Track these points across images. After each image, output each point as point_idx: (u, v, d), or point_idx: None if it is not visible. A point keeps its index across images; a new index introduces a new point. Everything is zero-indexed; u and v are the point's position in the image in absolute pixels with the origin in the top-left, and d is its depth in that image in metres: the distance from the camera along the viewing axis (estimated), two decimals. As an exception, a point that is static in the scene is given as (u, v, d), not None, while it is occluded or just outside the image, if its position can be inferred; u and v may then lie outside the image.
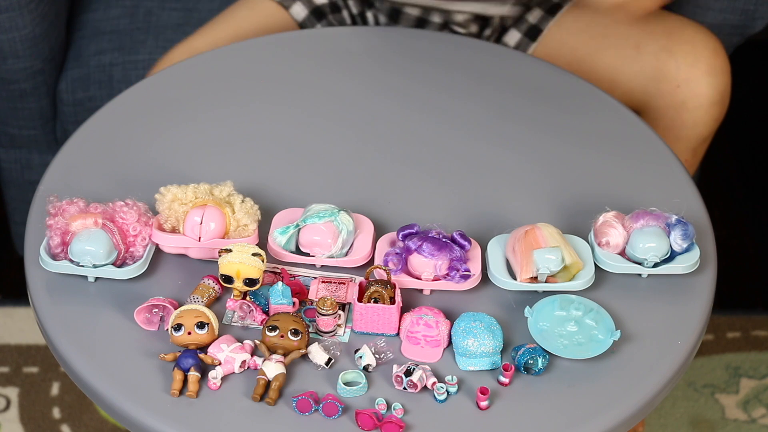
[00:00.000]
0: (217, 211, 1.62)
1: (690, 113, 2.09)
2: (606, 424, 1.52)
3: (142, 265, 1.62)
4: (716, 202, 2.66)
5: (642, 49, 2.10)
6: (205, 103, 1.89)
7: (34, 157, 2.40)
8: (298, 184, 1.76)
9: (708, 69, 2.07)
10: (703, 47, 2.09)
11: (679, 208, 1.70)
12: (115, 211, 1.63)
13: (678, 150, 2.13)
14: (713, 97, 2.08)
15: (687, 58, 2.07)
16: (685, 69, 2.07)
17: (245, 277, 1.57)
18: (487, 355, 1.55)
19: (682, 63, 2.07)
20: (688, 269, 1.65)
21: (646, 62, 2.09)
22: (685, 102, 2.08)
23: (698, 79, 2.07)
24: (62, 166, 1.78)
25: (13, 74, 2.26)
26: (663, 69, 2.08)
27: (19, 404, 2.36)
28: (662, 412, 2.36)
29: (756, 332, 2.51)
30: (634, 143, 1.85)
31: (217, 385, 1.52)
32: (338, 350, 1.56)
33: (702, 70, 2.07)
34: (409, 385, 1.52)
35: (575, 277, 1.63)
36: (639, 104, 2.14)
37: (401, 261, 1.62)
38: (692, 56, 2.07)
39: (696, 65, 2.07)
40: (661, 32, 2.11)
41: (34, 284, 1.62)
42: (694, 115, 2.09)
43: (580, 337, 1.58)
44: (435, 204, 1.74)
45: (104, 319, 1.59)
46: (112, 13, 2.38)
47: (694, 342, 1.60)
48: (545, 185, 1.78)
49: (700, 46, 2.09)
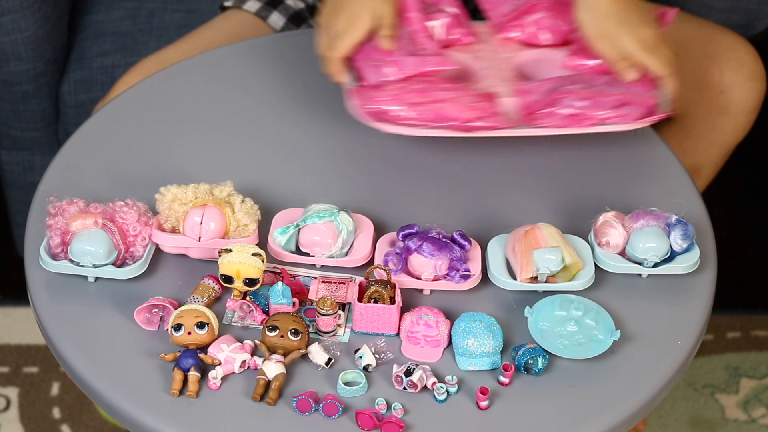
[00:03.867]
0: (217, 211, 1.62)
1: (731, 119, 2.10)
2: (606, 424, 1.52)
3: (142, 265, 1.62)
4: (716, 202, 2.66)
5: (681, 55, 2.10)
6: (205, 103, 1.89)
7: (36, 159, 2.40)
8: (298, 184, 1.76)
9: (750, 75, 2.08)
10: (744, 53, 2.10)
11: (679, 208, 1.70)
12: (115, 211, 1.63)
13: (711, 155, 2.14)
14: (754, 103, 2.09)
15: (730, 64, 2.08)
16: (729, 75, 2.08)
17: (245, 277, 1.57)
18: (487, 355, 1.55)
19: (726, 69, 2.08)
20: (688, 269, 1.65)
21: (687, 68, 2.09)
22: (727, 108, 2.08)
23: (741, 85, 2.08)
24: (62, 166, 1.78)
25: (16, 76, 2.26)
26: (706, 75, 2.09)
27: (19, 404, 2.36)
28: (662, 412, 2.36)
29: (756, 332, 2.51)
30: (635, 143, 1.85)
31: (217, 385, 1.52)
32: (338, 350, 1.56)
33: (745, 76, 2.08)
34: (409, 385, 1.52)
35: (575, 277, 1.63)
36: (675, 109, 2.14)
37: (401, 261, 1.62)
38: (735, 62, 2.08)
39: (739, 71, 2.08)
40: (700, 39, 2.11)
41: (34, 284, 1.62)
42: (735, 120, 2.10)
43: (580, 337, 1.58)
44: (435, 204, 1.74)
45: (104, 319, 1.59)
46: (115, 15, 2.38)
47: (694, 342, 1.60)
48: (545, 185, 1.78)
49: (742, 52, 2.10)
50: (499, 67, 1.84)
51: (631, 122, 1.73)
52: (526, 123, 1.73)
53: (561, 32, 1.87)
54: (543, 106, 1.73)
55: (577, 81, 1.76)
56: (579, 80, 1.77)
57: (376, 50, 1.79)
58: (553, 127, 1.73)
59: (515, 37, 1.88)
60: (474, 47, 1.87)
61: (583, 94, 1.73)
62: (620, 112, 1.73)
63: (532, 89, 1.77)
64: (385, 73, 1.76)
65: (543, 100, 1.74)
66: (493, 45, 1.88)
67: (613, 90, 1.74)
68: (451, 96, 1.72)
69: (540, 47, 1.88)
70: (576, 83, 1.76)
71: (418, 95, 1.71)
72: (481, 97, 1.73)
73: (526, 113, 1.74)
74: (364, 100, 1.73)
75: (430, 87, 1.73)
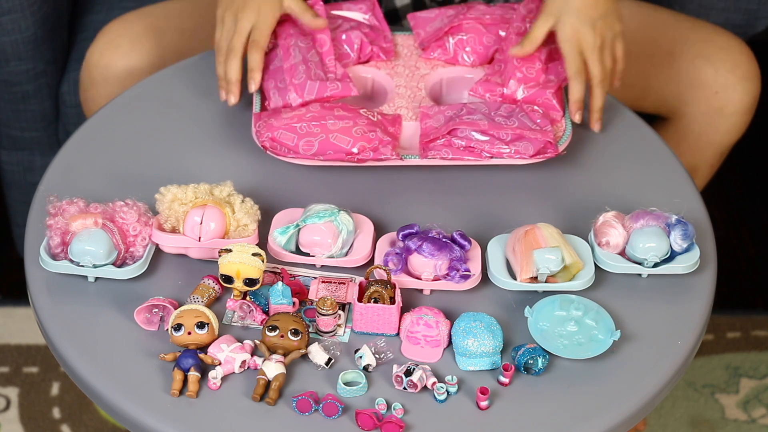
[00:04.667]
0: (217, 211, 1.62)
1: (726, 119, 2.10)
2: (606, 424, 1.52)
3: (142, 265, 1.62)
4: (716, 202, 2.66)
5: (676, 56, 2.10)
6: (205, 102, 1.89)
7: (36, 159, 2.40)
8: (298, 184, 1.76)
9: (744, 75, 2.08)
10: (738, 53, 2.10)
11: (679, 208, 1.70)
12: (115, 211, 1.63)
13: (707, 156, 2.14)
14: (748, 103, 2.09)
15: (725, 64, 2.08)
16: (723, 75, 2.08)
17: (245, 277, 1.57)
18: (487, 355, 1.55)
19: (721, 69, 2.08)
20: (688, 269, 1.65)
21: (681, 69, 2.10)
22: (722, 108, 2.08)
23: (735, 86, 2.08)
24: (62, 166, 1.78)
25: (16, 76, 2.26)
26: (700, 76, 2.09)
27: (19, 404, 2.36)
28: (662, 412, 2.36)
29: (756, 332, 2.51)
30: (634, 143, 1.85)
31: (217, 385, 1.52)
32: (338, 350, 1.56)
33: (739, 77, 2.08)
34: (409, 385, 1.52)
35: (575, 277, 1.63)
36: (670, 111, 2.14)
37: (401, 261, 1.62)
38: (730, 63, 2.08)
39: (734, 72, 2.08)
40: (695, 39, 2.11)
41: (34, 284, 1.62)
42: (730, 121, 2.10)
43: (580, 337, 1.58)
44: (435, 204, 1.74)
45: (104, 319, 1.59)
46: (114, 15, 2.37)
47: (694, 342, 1.60)
48: (545, 185, 1.78)
49: (736, 52, 2.10)
50: (414, 86, 1.86)
51: (524, 159, 1.75)
52: (422, 152, 1.75)
53: (482, 54, 1.89)
54: (440, 135, 1.75)
55: (477, 111, 1.78)
56: (479, 110, 1.78)
57: (281, 72, 1.81)
58: (444, 159, 1.75)
59: (436, 56, 1.90)
60: (392, 62, 1.89)
61: (480, 126, 1.75)
62: (514, 147, 1.74)
63: (433, 114, 1.79)
64: (289, 99, 1.79)
65: (440, 128, 1.76)
66: (413, 60, 1.90)
67: (509, 123, 1.76)
68: (340, 126, 1.73)
69: (460, 66, 1.90)
70: (475, 113, 1.77)
71: (309, 124, 1.73)
72: (371, 126, 1.74)
73: (422, 141, 1.76)
74: (259, 129, 1.76)
75: (322, 115, 1.75)
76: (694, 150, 2.14)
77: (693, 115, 2.11)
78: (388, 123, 1.78)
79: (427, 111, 1.80)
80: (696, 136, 2.12)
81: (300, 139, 1.73)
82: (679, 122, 2.13)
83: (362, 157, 1.73)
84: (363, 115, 1.76)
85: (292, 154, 1.74)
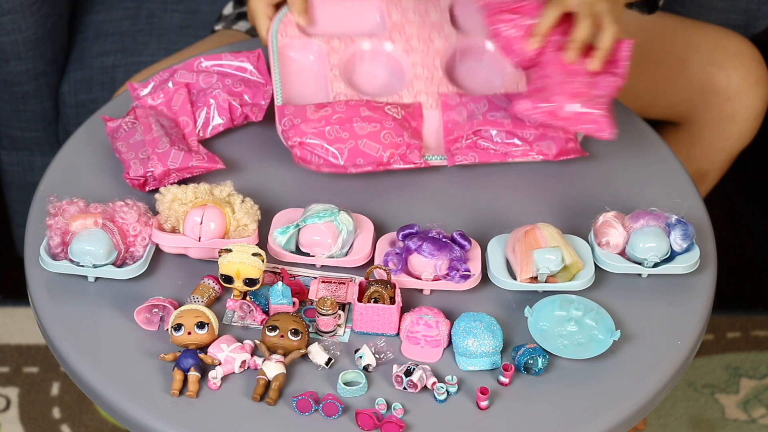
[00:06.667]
0: (217, 211, 1.62)
1: (738, 125, 2.10)
2: (606, 424, 1.52)
3: (142, 265, 1.62)
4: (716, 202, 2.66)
5: (688, 63, 2.10)
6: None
7: (36, 159, 2.40)
8: (298, 184, 1.76)
9: (757, 81, 2.08)
10: (750, 58, 2.09)
11: (679, 208, 1.70)
12: (115, 211, 1.63)
13: (718, 161, 2.14)
14: (760, 108, 2.10)
15: (738, 71, 2.08)
16: (736, 83, 2.08)
17: (245, 277, 1.57)
18: (487, 355, 1.55)
19: (733, 77, 2.08)
20: (688, 269, 1.65)
21: (693, 76, 2.09)
22: (734, 114, 2.08)
23: (748, 92, 2.08)
24: (62, 166, 1.78)
25: (16, 76, 2.26)
26: (712, 82, 2.08)
27: (19, 404, 2.36)
28: (662, 412, 2.36)
29: (756, 332, 2.51)
30: (635, 143, 1.85)
31: (217, 385, 1.52)
32: (338, 350, 1.56)
33: (752, 83, 2.08)
34: (409, 385, 1.52)
35: (575, 277, 1.63)
36: (681, 117, 2.13)
37: (401, 261, 1.62)
38: (742, 69, 2.08)
39: (747, 78, 2.08)
40: (706, 45, 2.11)
41: (34, 284, 1.62)
42: (742, 126, 2.10)
43: (580, 337, 1.58)
44: (435, 204, 1.74)
45: (104, 319, 1.59)
46: (115, 15, 2.38)
47: (694, 342, 1.60)
48: (545, 185, 1.78)
49: (748, 57, 2.09)
50: (430, 63, 1.84)
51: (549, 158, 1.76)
52: (449, 156, 1.76)
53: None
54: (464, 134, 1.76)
55: (500, 107, 1.78)
56: (501, 104, 1.78)
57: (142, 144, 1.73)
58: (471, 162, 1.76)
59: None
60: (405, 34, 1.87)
61: (504, 126, 1.75)
62: (538, 147, 1.76)
63: (454, 105, 1.79)
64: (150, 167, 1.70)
65: (463, 125, 1.76)
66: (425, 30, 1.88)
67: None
68: (368, 130, 1.73)
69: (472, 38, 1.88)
70: (498, 110, 1.78)
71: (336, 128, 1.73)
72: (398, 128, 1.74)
73: (447, 140, 1.77)
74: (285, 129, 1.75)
75: (349, 117, 1.74)
76: (706, 156, 2.14)
77: (705, 122, 2.11)
78: (411, 117, 1.77)
79: (448, 101, 1.80)
80: (708, 142, 2.12)
81: (330, 145, 1.72)
82: (690, 128, 2.13)
83: (392, 165, 1.74)
84: (389, 114, 1.75)
85: (324, 165, 1.73)
